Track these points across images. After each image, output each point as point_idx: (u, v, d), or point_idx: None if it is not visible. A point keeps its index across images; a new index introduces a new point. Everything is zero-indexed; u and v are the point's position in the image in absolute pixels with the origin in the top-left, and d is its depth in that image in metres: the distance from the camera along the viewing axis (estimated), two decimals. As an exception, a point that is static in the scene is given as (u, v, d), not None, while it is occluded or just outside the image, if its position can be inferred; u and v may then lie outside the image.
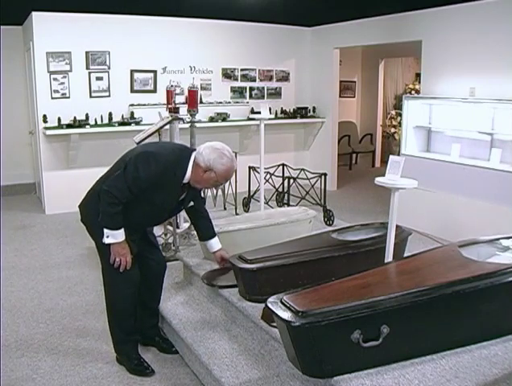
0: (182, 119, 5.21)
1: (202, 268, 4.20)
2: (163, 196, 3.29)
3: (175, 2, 7.13)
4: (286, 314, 2.52)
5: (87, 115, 7.48)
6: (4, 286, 4.98)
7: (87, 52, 7.57)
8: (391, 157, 3.59)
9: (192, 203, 3.62)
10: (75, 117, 7.33)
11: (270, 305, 2.65)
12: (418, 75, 9.51)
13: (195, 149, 3.36)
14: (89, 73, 7.66)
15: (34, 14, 7.10)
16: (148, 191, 3.21)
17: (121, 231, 3.26)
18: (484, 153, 6.20)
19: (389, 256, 3.61)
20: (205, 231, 3.85)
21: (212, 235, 3.85)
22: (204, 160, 3.22)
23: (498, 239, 3.72)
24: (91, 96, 7.71)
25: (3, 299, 4.69)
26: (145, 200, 3.27)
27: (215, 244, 3.84)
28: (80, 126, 7.33)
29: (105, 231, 3.23)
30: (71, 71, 7.50)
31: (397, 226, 3.80)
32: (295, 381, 2.92)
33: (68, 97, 7.51)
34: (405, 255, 4.06)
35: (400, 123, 8.47)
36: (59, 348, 3.88)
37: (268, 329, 3.24)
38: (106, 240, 3.25)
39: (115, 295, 3.56)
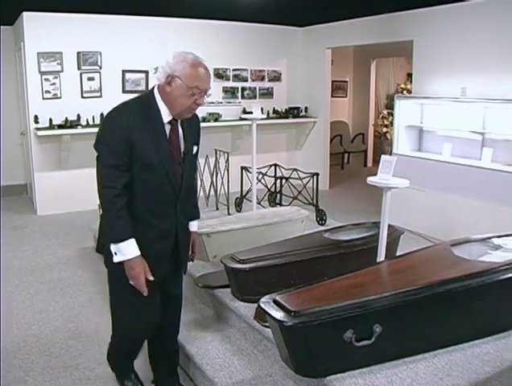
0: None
1: (195, 269, 4.20)
2: (153, 152, 2.58)
3: (167, 3, 7.11)
4: (278, 314, 2.52)
5: (79, 116, 7.45)
6: (-4, 288, 4.96)
7: (78, 52, 7.54)
8: (383, 156, 3.60)
9: (195, 149, 2.87)
10: (66, 118, 7.30)
11: (262, 305, 2.66)
12: (409, 75, 9.52)
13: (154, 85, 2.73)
14: (81, 74, 7.62)
15: (25, 14, 7.07)
16: (134, 156, 2.56)
17: (129, 242, 2.56)
18: (475, 153, 6.22)
19: (381, 256, 3.62)
20: (194, 209, 3.10)
21: (197, 214, 3.11)
22: (162, 72, 2.60)
23: (490, 237, 3.74)
24: (82, 97, 7.67)
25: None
26: (138, 170, 2.59)
27: (194, 225, 3.08)
28: (71, 127, 7.30)
29: (112, 247, 2.58)
30: (62, 71, 7.46)
31: (389, 225, 3.81)
32: (288, 381, 2.93)
33: (60, 98, 7.48)
34: (397, 254, 4.08)
35: (392, 123, 8.50)
36: (52, 350, 3.86)
37: (261, 329, 3.25)
38: (115, 259, 2.59)
39: (121, 334, 3.05)
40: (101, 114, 7.57)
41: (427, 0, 6.54)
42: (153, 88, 2.68)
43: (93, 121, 7.58)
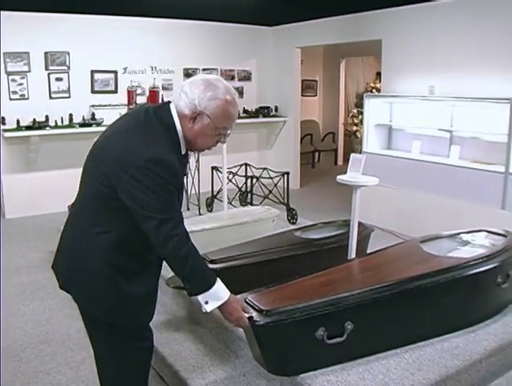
0: (143, 119, 5.16)
1: (166, 271, 4.16)
2: (180, 192, 2.25)
3: (136, 2, 7.07)
4: (253, 314, 2.52)
5: (47, 116, 7.35)
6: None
7: (46, 53, 7.44)
8: (352, 154, 3.63)
9: None
10: (34, 119, 7.20)
11: (234, 304, 2.65)
12: (378, 74, 9.62)
13: (168, 102, 2.30)
14: (49, 74, 7.53)
15: (-11, 13, 6.96)
16: None
17: (219, 282, 2.24)
18: (443, 150, 6.31)
19: (352, 253, 3.65)
20: None
21: None
22: (187, 103, 2.17)
23: (459, 233, 3.79)
24: (51, 98, 7.58)
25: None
26: None
27: None
28: (39, 128, 7.21)
29: (200, 297, 2.20)
30: (29, 71, 7.36)
31: (359, 223, 3.85)
32: (261, 380, 2.93)
33: (27, 98, 7.38)
34: (368, 251, 4.11)
35: (361, 121, 8.56)
36: (22, 355, 3.80)
37: (233, 329, 3.24)
38: (208, 308, 2.21)
39: None
40: (70, 115, 7.51)
41: (395, 0, 6.60)
42: (170, 112, 2.22)
43: (62, 121, 7.50)
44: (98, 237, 2.19)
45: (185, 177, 2.53)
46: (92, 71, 7.84)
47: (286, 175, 6.64)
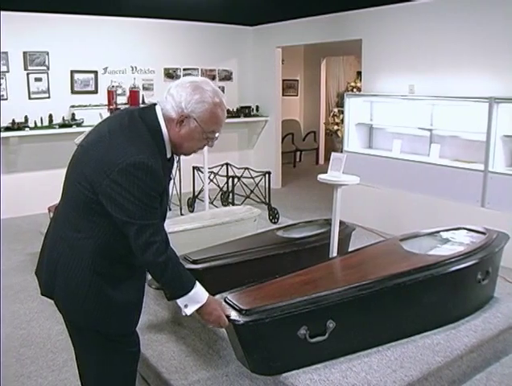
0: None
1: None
2: (166, 199, 2.25)
3: (116, 2, 7.03)
4: (230, 313, 2.52)
5: (26, 117, 7.28)
6: None
7: (25, 52, 7.36)
8: (333, 154, 3.64)
9: None
10: (13, 120, 7.12)
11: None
12: (359, 74, 9.65)
13: (154, 104, 2.22)
14: (28, 74, 7.45)
15: (-34, 12, 6.87)
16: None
17: (198, 285, 2.24)
18: (424, 149, 6.35)
19: (333, 252, 3.66)
20: None
21: None
22: (173, 106, 2.11)
23: (438, 231, 3.83)
24: (30, 98, 7.50)
25: None
26: None
27: None
28: (19, 129, 7.13)
29: (180, 301, 2.20)
30: (8, 71, 7.27)
31: (340, 222, 3.86)
32: (244, 379, 2.93)
33: (6, 99, 7.28)
34: (349, 250, 4.12)
35: (342, 120, 8.59)
36: (2, 359, 3.73)
37: (215, 329, 3.23)
38: (188, 311, 2.21)
39: None
40: (50, 115, 7.44)
41: (375, 0, 6.64)
42: (156, 114, 2.16)
43: (42, 122, 7.42)
44: (81, 242, 2.14)
45: (170, 181, 2.47)
46: (72, 72, 7.77)
47: (267, 175, 6.65)
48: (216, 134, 2.26)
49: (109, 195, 2.03)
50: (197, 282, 2.23)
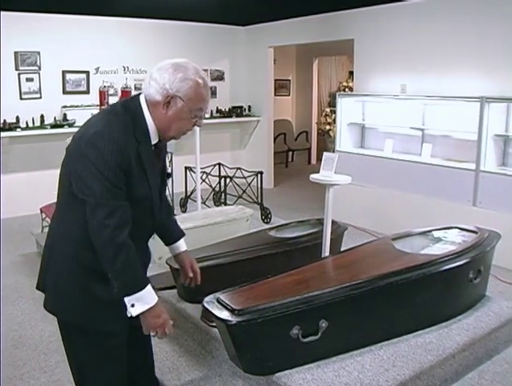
0: (115, 120, 5.11)
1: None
2: (145, 184, 2.16)
3: (107, 2, 7.01)
4: (222, 313, 2.52)
5: (17, 117, 7.24)
6: None
7: (16, 52, 7.33)
8: (325, 153, 3.64)
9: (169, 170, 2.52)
10: (4, 120, 7.09)
11: (206, 304, 2.65)
12: (351, 73, 9.66)
13: (139, 94, 2.22)
14: (19, 74, 7.41)
15: (-44, 12, 6.83)
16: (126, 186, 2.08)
17: (150, 287, 2.12)
18: (415, 148, 6.37)
19: (325, 252, 3.66)
20: (174, 226, 2.72)
21: (182, 231, 2.74)
22: (157, 89, 2.09)
23: (430, 231, 3.84)
24: (21, 98, 7.46)
25: None
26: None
27: (182, 244, 2.71)
28: (10, 129, 7.10)
29: (127, 299, 2.07)
30: (-2, 72, 7.26)
31: (333, 221, 3.87)
32: (237, 380, 2.93)
33: (-3, 99, 7.27)
34: (341, 250, 4.13)
35: (334, 120, 8.60)
36: (-5, 360, 3.74)
37: (208, 329, 3.24)
38: (134, 311, 2.08)
39: None
40: (41, 116, 7.41)
41: (367, 0, 6.65)
42: (139, 101, 2.16)
43: (33, 123, 7.39)
44: (66, 232, 2.15)
45: (169, 177, 2.50)
46: (64, 72, 7.74)
47: (259, 175, 6.65)
48: (203, 112, 2.23)
49: (75, 169, 2.03)
50: (149, 283, 2.13)
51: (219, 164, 7.04)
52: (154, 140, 2.18)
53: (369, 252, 3.46)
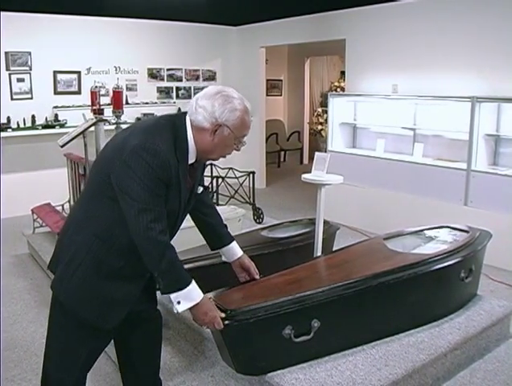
0: (107, 120, 5.10)
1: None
2: (177, 198, 2.26)
3: (99, 2, 6.98)
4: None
5: (8, 118, 7.22)
6: None
7: (6, 53, 7.29)
8: (317, 153, 3.64)
9: (200, 189, 2.60)
10: (-5, 121, 7.08)
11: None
12: (343, 73, 9.68)
13: (184, 113, 2.30)
14: (10, 74, 7.38)
15: None
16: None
17: (194, 284, 2.26)
18: (407, 148, 6.39)
19: (318, 252, 3.67)
20: (222, 230, 2.85)
21: (232, 236, 2.88)
22: (206, 117, 2.19)
23: (422, 230, 3.85)
24: (12, 99, 7.43)
25: None
26: None
27: (237, 248, 2.85)
28: (1, 130, 7.06)
29: (173, 297, 2.21)
30: (-11, 72, 7.22)
31: (325, 221, 3.87)
32: (229, 380, 2.93)
33: (-13, 100, 7.24)
34: (333, 249, 4.13)
35: (326, 120, 8.61)
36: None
37: (201, 330, 3.23)
38: (180, 308, 2.23)
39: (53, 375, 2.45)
40: (32, 116, 7.39)
41: (358, 0, 6.66)
42: (185, 121, 2.25)
43: (24, 123, 7.37)
44: (85, 221, 2.25)
45: (206, 190, 2.69)
46: (55, 72, 7.72)
47: (251, 175, 6.65)
48: (245, 138, 2.37)
49: (118, 175, 2.11)
50: (193, 281, 2.26)
51: (211, 164, 7.03)
52: (191, 160, 2.28)
53: (361, 251, 3.47)
